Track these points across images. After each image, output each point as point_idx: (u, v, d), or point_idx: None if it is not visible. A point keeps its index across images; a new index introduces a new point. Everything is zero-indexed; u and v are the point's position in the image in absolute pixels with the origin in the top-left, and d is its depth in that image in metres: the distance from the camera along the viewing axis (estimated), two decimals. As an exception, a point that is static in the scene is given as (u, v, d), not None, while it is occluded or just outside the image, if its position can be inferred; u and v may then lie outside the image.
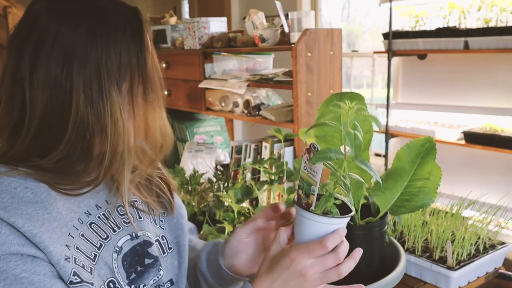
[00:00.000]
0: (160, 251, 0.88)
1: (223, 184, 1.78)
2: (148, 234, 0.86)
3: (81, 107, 0.73)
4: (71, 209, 0.77)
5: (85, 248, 0.75)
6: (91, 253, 0.76)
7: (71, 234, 0.74)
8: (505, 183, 2.71)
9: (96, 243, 0.78)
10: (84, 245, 0.76)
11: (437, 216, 1.47)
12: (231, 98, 2.09)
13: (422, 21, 2.84)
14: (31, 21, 0.75)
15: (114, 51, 0.75)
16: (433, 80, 3.05)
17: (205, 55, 2.16)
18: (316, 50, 1.72)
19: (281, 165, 1.53)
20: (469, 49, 2.58)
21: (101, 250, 0.78)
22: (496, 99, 2.75)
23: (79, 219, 0.77)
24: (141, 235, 0.84)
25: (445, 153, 2.86)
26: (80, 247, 0.75)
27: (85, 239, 0.76)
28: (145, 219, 0.88)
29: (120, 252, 0.80)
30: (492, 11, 2.51)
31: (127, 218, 0.84)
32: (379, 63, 3.28)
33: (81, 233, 0.76)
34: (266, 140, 1.87)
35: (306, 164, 0.78)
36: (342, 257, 0.78)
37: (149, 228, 0.87)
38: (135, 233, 0.84)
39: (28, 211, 0.71)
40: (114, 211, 0.83)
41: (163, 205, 0.92)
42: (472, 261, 1.31)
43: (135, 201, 0.88)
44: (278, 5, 1.82)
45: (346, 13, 3.87)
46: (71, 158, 0.75)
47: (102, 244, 0.78)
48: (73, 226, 0.76)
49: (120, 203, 0.84)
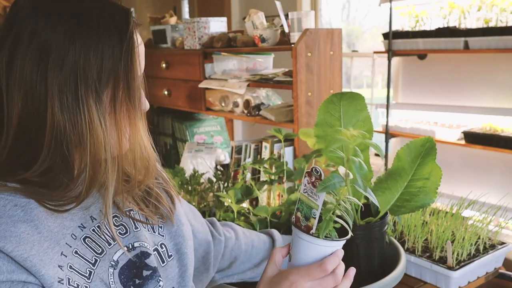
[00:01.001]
0: (159, 260, 0.84)
1: (223, 184, 1.78)
2: (145, 245, 0.82)
3: (57, 114, 0.67)
4: (64, 224, 0.73)
5: (79, 266, 0.72)
6: (86, 270, 0.73)
7: (63, 253, 0.71)
8: (505, 183, 2.71)
9: (90, 259, 0.74)
10: (78, 263, 0.72)
11: (437, 216, 1.47)
12: (231, 98, 2.09)
13: (422, 21, 2.83)
14: (11, 17, 0.70)
15: (94, 54, 0.69)
16: (433, 80, 3.05)
17: (205, 55, 2.16)
18: (316, 50, 1.72)
19: (281, 165, 1.53)
20: (469, 49, 2.58)
21: (96, 266, 0.74)
22: (496, 99, 2.74)
23: (72, 234, 0.74)
24: (138, 246, 0.81)
25: (445, 153, 2.86)
26: (73, 266, 0.72)
27: (79, 256, 0.73)
28: (142, 228, 0.84)
29: (116, 267, 0.77)
30: (492, 11, 2.51)
31: (122, 229, 0.81)
32: (379, 63, 3.28)
33: (75, 250, 0.73)
34: (266, 140, 1.87)
35: (307, 188, 0.78)
36: (340, 278, 0.79)
37: (146, 237, 0.83)
38: (132, 244, 0.80)
39: (17, 233, 0.67)
40: (110, 222, 0.78)
41: (162, 215, 0.88)
42: (472, 261, 1.31)
43: (130, 211, 0.84)
44: (278, 5, 1.82)
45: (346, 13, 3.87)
46: (54, 171, 0.71)
47: (97, 259, 0.75)
48: (66, 243, 0.72)
49: (115, 213, 0.81)
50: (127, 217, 0.82)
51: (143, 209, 0.85)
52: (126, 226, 0.81)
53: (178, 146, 2.61)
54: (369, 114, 1.13)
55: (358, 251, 1.13)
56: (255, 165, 1.62)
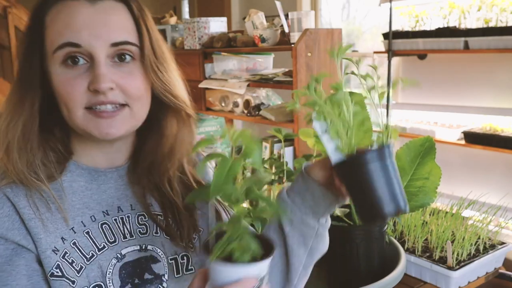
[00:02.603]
0: (174, 270, 0.82)
1: (223, 184, 1.78)
2: (157, 251, 0.81)
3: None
4: (89, 205, 0.78)
5: (84, 245, 0.75)
6: (89, 252, 0.75)
7: (73, 229, 0.75)
8: (505, 183, 2.70)
9: (99, 244, 0.76)
10: (85, 242, 0.75)
11: (437, 216, 1.47)
12: (231, 98, 2.09)
13: (422, 21, 2.83)
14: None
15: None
16: (433, 80, 3.05)
17: (205, 55, 2.16)
18: (316, 50, 1.72)
19: (281, 165, 1.53)
20: (469, 49, 2.58)
21: (101, 252, 0.76)
22: (496, 99, 2.74)
23: (92, 216, 0.77)
24: (150, 249, 0.81)
25: (445, 153, 2.86)
26: (78, 244, 0.74)
27: (88, 237, 0.76)
28: (162, 235, 0.82)
29: (120, 260, 0.77)
30: (492, 11, 2.50)
31: (144, 228, 0.81)
32: (379, 63, 3.28)
33: (87, 230, 0.76)
34: (266, 140, 1.87)
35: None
36: None
37: (163, 245, 0.82)
38: (146, 245, 0.81)
39: (41, 197, 0.73)
40: (135, 218, 0.81)
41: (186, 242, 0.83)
42: (472, 261, 1.31)
43: (158, 215, 0.83)
44: (278, 5, 1.82)
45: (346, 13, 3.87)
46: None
47: (105, 246, 0.77)
48: (81, 222, 0.76)
49: (143, 213, 0.82)
50: (152, 220, 0.82)
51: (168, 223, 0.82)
52: (148, 227, 0.82)
53: (178, 146, 2.61)
54: (368, 114, 1.13)
55: (358, 251, 1.13)
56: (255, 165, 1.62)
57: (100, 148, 0.81)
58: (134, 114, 0.77)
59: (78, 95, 0.72)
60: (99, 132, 0.75)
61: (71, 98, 0.72)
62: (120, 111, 0.75)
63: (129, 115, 0.76)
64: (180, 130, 0.84)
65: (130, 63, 0.76)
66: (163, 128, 0.83)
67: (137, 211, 0.82)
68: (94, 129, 0.74)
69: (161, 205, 0.84)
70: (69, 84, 0.72)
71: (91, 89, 0.72)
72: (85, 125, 0.74)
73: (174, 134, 0.83)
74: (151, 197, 0.84)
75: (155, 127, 0.83)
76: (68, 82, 0.72)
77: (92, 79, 0.72)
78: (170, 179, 0.84)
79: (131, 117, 0.77)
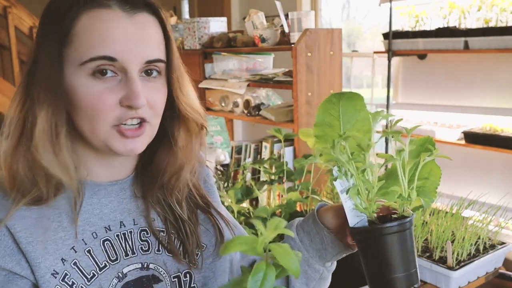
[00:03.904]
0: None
1: (223, 184, 1.78)
2: (159, 270, 0.78)
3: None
4: (90, 221, 0.74)
5: (85, 265, 0.71)
6: (90, 272, 0.71)
7: (74, 248, 0.71)
8: (505, 183, 2.70)
9: (100, 263, 0.73)
10: (86, 262, 0.71)
11: (437, 216, 1.47)
12: (231, 98, 2.09)
13: (422, 21, 2.83)
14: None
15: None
16: (433, 80, 3.05)
17: (205, 55, 2.16)
18: (316, 50, 1.72)
19: (281, 165, 1.53)
20: (469, 49, 2.58)
21: (102, 271, 0.72)
22: (496, 99, 2.74)
23: (94, 233, 0.74)
24: (152, 268, 0.77)
25: (445, 153, 2.85)
26: (79, 263, 0.71)
27: (89, 255, 0.72)
28: (164, 253, 0.79)
29: (122, 279, 0.74)
30: (492, 11, 2.50)
31: (146, 245, 0.78)
32: (379, 63, 3.28)
33: (88, 248, 0.72)
34: (266, 140, 1.87)
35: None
36: None
37: (165, 264, 0.79)
38: (148, 263, 0.77)
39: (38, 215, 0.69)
40: (137, 233, 0.77)
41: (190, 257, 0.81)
42: (472, 261, 1.31)
43: (160, 232, 0.80)
44: (278, 5, 1.82)
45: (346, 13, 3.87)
46: None
47: (107, 265, 0.73)
48: (82, 240, 0.72)
49: (146, 228, 0.79)
50: (154, 237, 0.79)
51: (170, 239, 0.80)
52: (150, 244, 0.78)
53: (178, 146, 2.60)
54: (368, 113, 1.13)
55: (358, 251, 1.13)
56: (255, 165, 1.62)
57: (104, 162, 0.77)
58: (153, 129, 0.75)
59: (108, 109, 0.69)
60: (124, 148, 0.71)
61: (101, 111, 0.68)
62: (144, 127, 0.72)
63: (149, 130, 0.74)
64: (191, 143, 0.81)
65: (157, 78, 0.74)
66: (175, 141, 0.80)
67: (139, 225, 0.78)
68: (119, 145, 0.71)
69: (163, 220, 0.81)
70: (98, 97, 0.68)
71: (125, 104, 0.69)
72: (108, 140, 0.71)
73: (185, 147, 0.81)
74: (154, 212, 0.80)
75: (166, 140, 0.80)
76: (98, 95, 0.68)
77: (128, 95, 0.69)
78: (178, 193, 0.82)
79: (151, 132, 0.74)
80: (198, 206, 0.85)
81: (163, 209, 0.81)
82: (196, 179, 0.86)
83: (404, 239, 0.69)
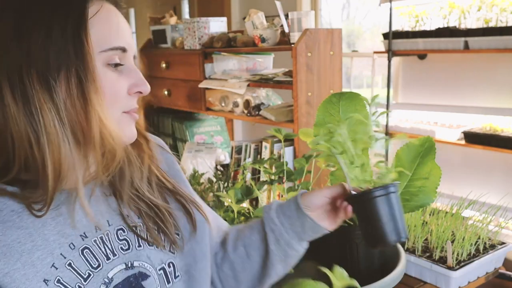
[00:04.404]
0: (164, 280, 0.78)
1: (223, 184, 1.78)
2: (145, 265, 0.76)
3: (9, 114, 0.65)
4: (64, 232, 0.69)
5: (68, 280, 0.67)
6: (75, 285, 0.68)
7: (54, 264, 0.67)
8: (505, 183, 2.70)
9: (84, 273, 0.69)
10: (69, 276, 0.67)
11: (437, 216, 1.47)
12: (231, 98, 2.09)
13: (422, 21, 2.83)
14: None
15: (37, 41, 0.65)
16: (433, 80, 3.05)
17: (205, 55, 2.16)
18: (316, 50, 1.72)
19: (281, 165, 1.53)
20: (469, 49, 2.58)
21: (87, 281, 0.69)
22: (496, 99, 2.74)
23: (71, 244, 0.69)
24: (137, 265, 0.75)
25: (445, 153, 2.86)
26: (62, 279, 0.67)
27: (71, 268, 0.68)
28: (145, 247, 0.78)
29: (109, 285, 0.71)
30: (492, 11, 2.51)
31: (125, 244, 0.75)
32: (379, 63, 3.28)
33: (68, 262, 0.68)
34: (266, 140, 1.87)
35: None
36: None
37: (149, 257, 0.77)
38: (131, 262, 0.75)
39: (7, 242, 0.64)
40: (114, 234, 0.75)
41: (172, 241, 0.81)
42: (472, 261, 1.31)
43: (137, 226, 0.78)
44: (278, 5, 1.82)
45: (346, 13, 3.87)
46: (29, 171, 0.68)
47: (91, 274, 0.70)
48: (60, 254, 0.68)
49: (121, 226, 0.76)
50: (132, 233, 0.77)
51: (149, 230, 0.79)
52: (129, 242, 0.76)
53: (178, 146, 2.61)
54: (368, 113, 1.13)
55: (358, 251, 1.13)
56: (255, 165, 1.62)
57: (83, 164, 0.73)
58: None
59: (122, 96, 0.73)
60: (131, 133, 0.76)
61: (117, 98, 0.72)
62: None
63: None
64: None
65: None
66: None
67: (115, 225, 0.75)
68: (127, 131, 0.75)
69: (138, 213, 0.79)
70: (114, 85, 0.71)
71: (135, 91, 0.74)
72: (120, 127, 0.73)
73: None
74: (126, 207, 0.78)
75: None
76: (114, 83, 0.71)
77: (136, 82, 0.74)
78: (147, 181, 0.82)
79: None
80: (167, 189, 0.85)
81: (134, 201, 0.79)
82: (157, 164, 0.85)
83: (390, 201, 0.81)
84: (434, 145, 1.10)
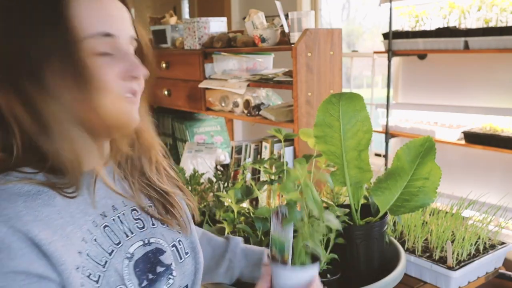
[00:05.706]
0: (177, 256, 0.86)
1: (223, 184, 1.78)
2: (160, 242, 0.83)
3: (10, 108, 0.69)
4: (86, 211, 0.74)
5: (95, 254, 0.72)
6: (102, 259, 0.73)
7: (84, 239, 0.72)
8: (505, 183, 2.70)
9: (107, 249, 0.74)
10: (95, 251, 0.72)
11: (437, 216, 1.47)
12: (231, 98, 2.09)
13: (422, 21, 2.83)
14: None
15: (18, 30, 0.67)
16: (433, 80, 3.05)
17: (205, 55, 2.16)
18: (316, 50, 1.72)
19: (281, 165, 1.53)
20: (469, 49, 2.58)
21: (112, 256, 0.74)
22: (496, 99, 2.74)
23: (94, 221, 0.74)
24: (153, 241, 0.82)
25: (445, 153, 2.86)
26: (90, 254, 0.72)
27: (97, 244, 0.73)
28: (159, 225, 0.85)
29: (131, 259, 0.77)
30: (492, 11, 2.51)
31: (140, 223, 0.82)
32: (379, 63, 3.28)
33: (94, 237, 0.73)
34: (266, 140, 1.87)
35: (276, 226, 0.85)
36: None
37: (163, 235, 0.85)
38: (148, 239, 0.82)
39: (42, 217, 0.67)
40: (129, 214, 0.81)
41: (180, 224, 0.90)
42: (472, 261, 1.31)
43: (149, 207, 0.86)
44: (278, 5, 1.82)
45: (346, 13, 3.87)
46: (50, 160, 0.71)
47: (114, 250, 0.75)
48: (87, 229, 0.73)
49: (135, 207, 0.83)
50: (145, 213, 0.84)
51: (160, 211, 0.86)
52: (143, 221, 0.83)
53: (178, 146, 2.61)
54: (368, 114, 1.13)
55: (358, 251, 1.13)
56: (255, 165, 1.62)
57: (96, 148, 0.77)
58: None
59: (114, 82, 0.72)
60: (133, 117, 0.77)
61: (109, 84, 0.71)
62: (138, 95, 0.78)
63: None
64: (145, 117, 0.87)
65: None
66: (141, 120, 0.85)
67: (129, 206, 0.82)
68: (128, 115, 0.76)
69: (148, 196, 0.86)
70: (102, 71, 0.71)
71: (127, 76, 0.74)
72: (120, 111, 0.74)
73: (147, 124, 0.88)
74: (138, 192, 0.85)
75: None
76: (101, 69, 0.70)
77: (128, 67, 0.73)
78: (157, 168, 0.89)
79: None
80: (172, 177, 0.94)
81: (145, 188, 0.86)
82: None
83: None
84: (434, 145, 1.10)
